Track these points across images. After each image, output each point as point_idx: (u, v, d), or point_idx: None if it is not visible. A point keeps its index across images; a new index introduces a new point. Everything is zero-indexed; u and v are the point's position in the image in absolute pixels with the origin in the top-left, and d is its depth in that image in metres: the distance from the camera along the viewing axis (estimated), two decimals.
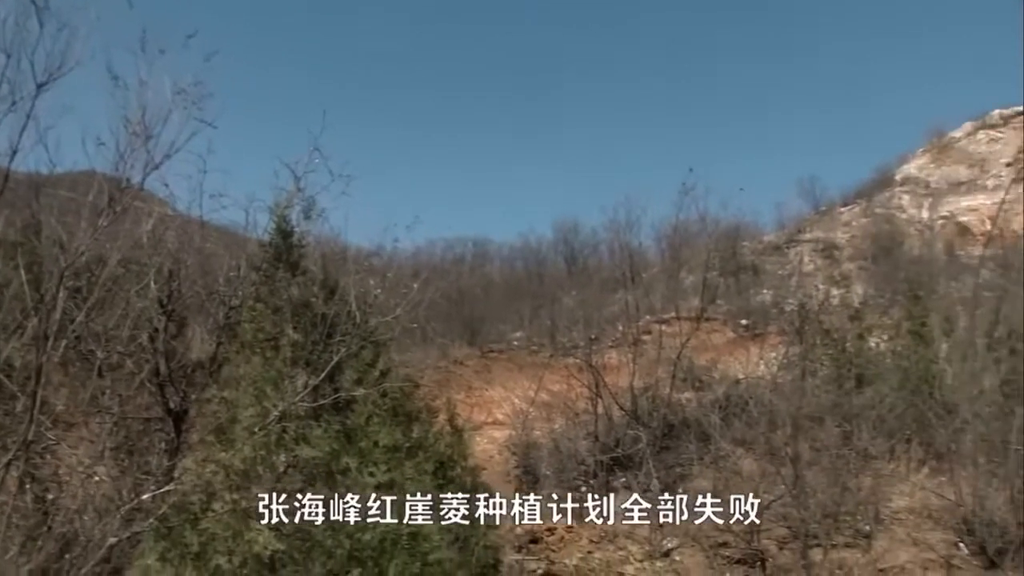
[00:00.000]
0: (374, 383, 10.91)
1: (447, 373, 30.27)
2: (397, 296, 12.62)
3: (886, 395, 20.32)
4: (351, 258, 14.38)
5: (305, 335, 10.50)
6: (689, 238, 34.34)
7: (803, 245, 55.21)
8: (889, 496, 18.28)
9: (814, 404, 19.40)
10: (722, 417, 20.32)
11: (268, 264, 11.27)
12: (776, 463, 17.77)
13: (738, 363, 26.04)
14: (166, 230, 11.89)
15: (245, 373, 10.09)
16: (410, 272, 30.97)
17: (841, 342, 23.57)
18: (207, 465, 9.29)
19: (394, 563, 9.65)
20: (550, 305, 36.03)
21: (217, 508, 9.08)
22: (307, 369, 10.37)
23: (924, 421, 19.71)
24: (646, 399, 22.00)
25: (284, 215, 11.27)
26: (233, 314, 11.89)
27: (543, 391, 23.79)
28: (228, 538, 8.87)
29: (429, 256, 52.58)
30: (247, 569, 8.95)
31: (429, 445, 12.16)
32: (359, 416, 10.58)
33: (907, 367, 22.11)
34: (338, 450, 10.11)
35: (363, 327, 10.90)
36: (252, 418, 9.58)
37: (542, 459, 20.90)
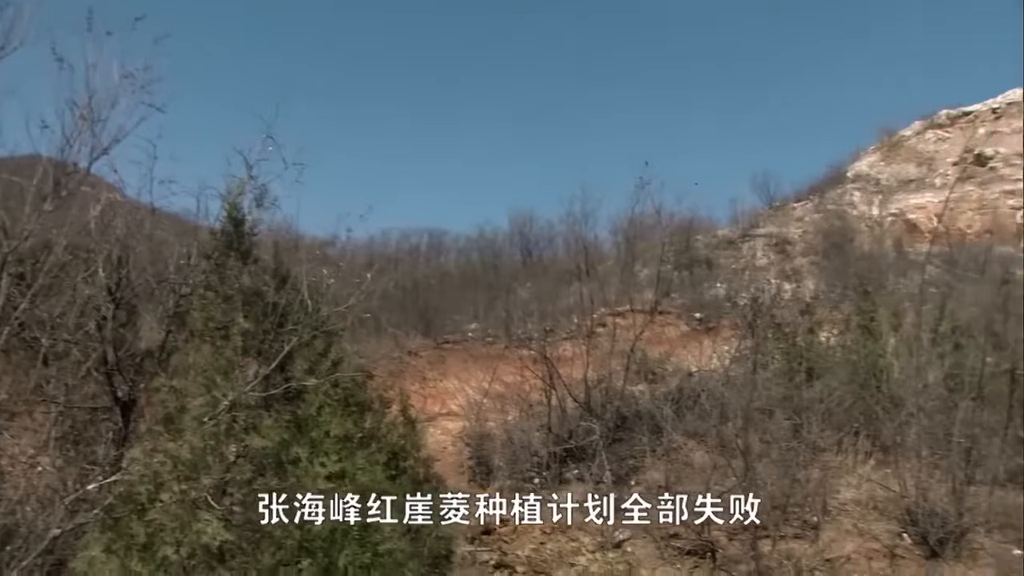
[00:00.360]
0: (326, 373, 10.82)
1: (401, 364, 30.17)
2: (350, 286, 12.53)
3: (835, 389, 20.61)
4: (304, 247, 14.24)
5: (256, 324, 10.36)
6: (644, 231, 34.56)
7: (756, 240, 55.71)
8: (836, 488, 18.56)
9: (765, 397, 19.65)
10: (674, 409, 20.50)
11: (219, 252, 11.08)
12: (727, 455, 17.98)
13: (691, 356, 26.29)
14: (115, 216, 11.64)
15: (195, 362, 9.95)
16: (365, 262, 30.86)
17: (792, 336, 23.87)
18: (155, 455, 9.16)
19: (344, 554, 9.60)
20: (505, 296, 36.05)
21: (165, 498, 8.96)
22: (258, 358, 10.25)
23: (871, 414, 20.05)
24: (599, 391, 22.11)
25: (236, 203, 11.08)
26: (183, 302, 11.68)
27: (497, 382, 23.80)
28: (176, 529, 8.75)
29: (384, 247, 52.41)
30: (195, 560, 8.83)
31: (381, 436, 12.11)
32: (310, 406, 10.48)
33: (856, 361, 22.45)
34: (289, 440, 10.01)
35: (315, 316, 10.78)
36: (202, 407, 9.46)
37: (495, 450, 20.92)
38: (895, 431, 18.78)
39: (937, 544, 16.17)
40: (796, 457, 17.58)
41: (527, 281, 39.79)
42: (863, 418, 20.34)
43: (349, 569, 9.60)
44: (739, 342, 24.90)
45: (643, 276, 35.28)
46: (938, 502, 16.59)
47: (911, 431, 18.09)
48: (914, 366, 19.94)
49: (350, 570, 9.59)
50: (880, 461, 19.64)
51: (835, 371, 22.25)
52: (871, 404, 20.02)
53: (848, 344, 24.08)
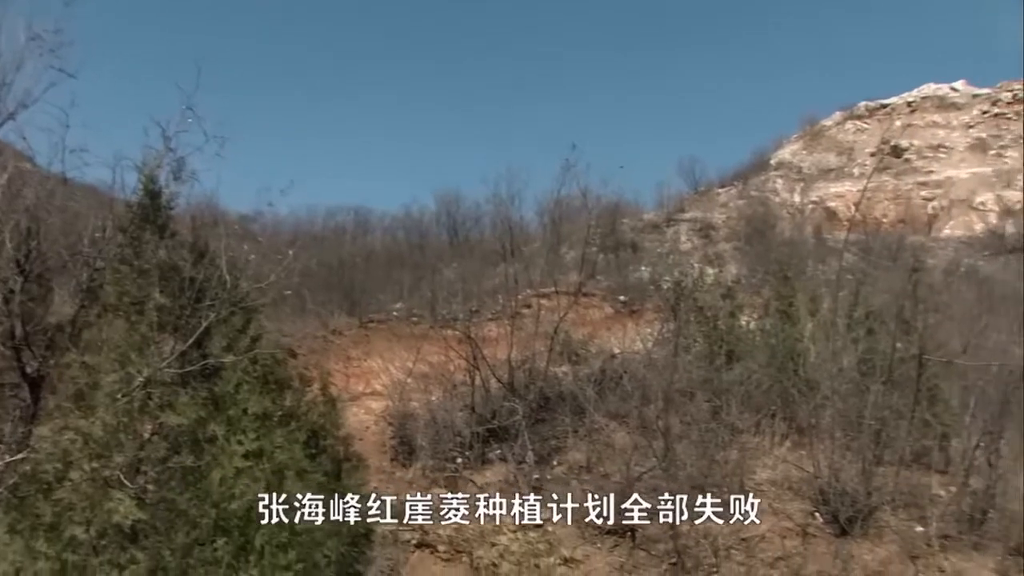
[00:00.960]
0: (244, 350, 10.64)
1: (326, 343, 29.81)
2: (272, 262, 12.32)
3: (754, 372, 21.01)
4: (223, 222, 13.94)
5: (173, 299, 10.13)
6: (570, 214, 34.62)
7: (681, 224, 56.41)
8: (753, 468, 18.95)
9: (686, 379, 19.95)
10: (597, 391, 20.67)
11: (135, 225, 10.79)
12: (648, 436, 18.22)
13: (614, 338, 26.49)
14: (24, 185, 11.24)
15: (108, 337, 9.71)
16: (289, 239, 30.36)
17: (714, 320, 24.25)
18: (65, 433, 8.93)
19: (261, 532, 9.47)
20: (431, 276, 35.77)
21: (75, 477, 8.73)
22: (174, 334, 10.04)
23: (788, 397, 20.47)
24: (523, 372, 22.15)
25: (152, 175, 10.81)
26: (97, 276, 11.35)
27: (421, 362, 23.66)
28: (86, 508, 8.54)
29: (310, 225, 51.53)
30: (106, 540, 8.64)
31: (301, 414, 11.96)
32: (228, 383, 10.30)
33: (774, 345, 22.88)
34: (205, 418, 9.84)
35: (234, 292, 10.59)
36: (115, 384, 9.23)
37: (418, 430, 20.81)
38: (810, 413, 19.23)
39: (847, 522, 16.65)
40: (715, 438, 17.90)
41: (453, 261, 39.60)
42: (780, 400, 20.76)
43: (266, 548, 9.48)
44: (662, 325, 25.21)
45: (569, 258, 35.37)
46: (849, 482, 17.08)
47: (825, 414, 18.55)
48: (830, 350, 20.42)
49: (267, 549, 9.47)
50: (795, 443, 20.11)
51: (754, 354, 22.66)
52: (788, 387, 20.44)
53: (767, 328, 24.53)
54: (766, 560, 16.02)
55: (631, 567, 16.28)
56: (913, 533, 16.87)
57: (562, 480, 19.18)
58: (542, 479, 19.01)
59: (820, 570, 15.92)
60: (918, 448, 19.53)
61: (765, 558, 16.05)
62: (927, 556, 16.14)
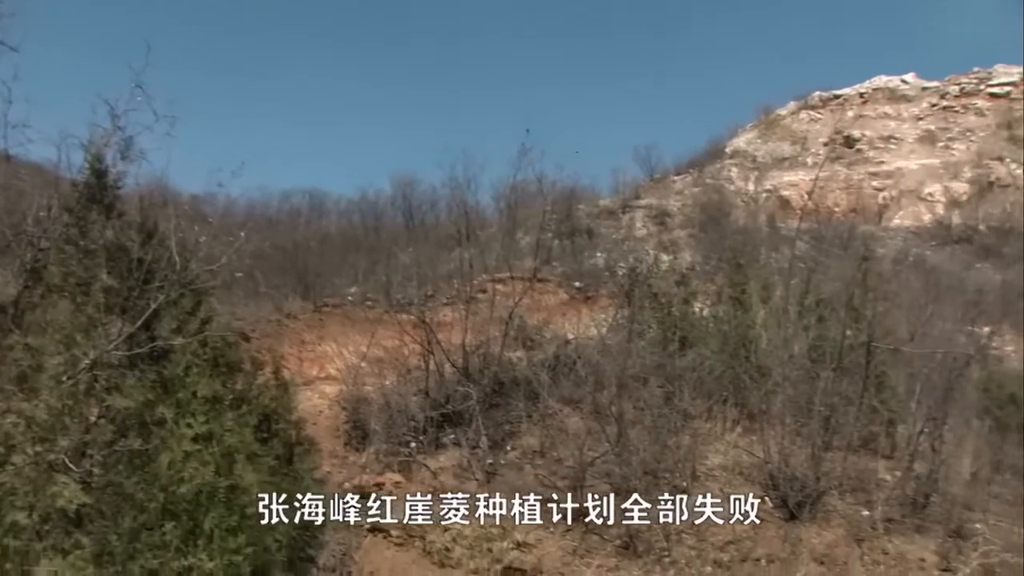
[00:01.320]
0: (194, 332, 10.47)
1: (279, 327, 29.53)
2: (224, 244, 12.14)
3: (707, 358, 21.20)
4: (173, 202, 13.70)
5: (120, 280, 9.94)
6: (526, 199, 34.60)
7: (637, 211, 56.79)
8: (705, 454, 19.13)
9: (639, 365, 20.07)
10: (551, 376, 20.70)
11: (81, 205, 10.56)
12: (601, 421, 18.29)
13: (569, 324, 26.57)
14: None
15: (53, 319, 9.51)
16: (242, 221, 29.98)
17: (668, 306, 24.41)
18: (7, 416, 8.73)
19: (211, 516, 9.35)
20: (386, 260, 35.57)
21: (17, 461, 8.55)
22: (122, 316, 9.86)
23: (740, 383, 20.69)
24: (478, 357, 22.12)
25: (99, 154, 10.57)
26: (42, 256, 11.10)
27: (376, 347, 23.52)
28: (28, 492, 8.36)
29: (264, 207, 51.11)
30: (49, 525, 8.48)
31: (253, 398, 11.83)
32: (177, 366, 10.13)
33: (727, 332, 23.09)
34: (154, 400, 9.68)
35: (184, 274, 10.41)
36: (60, 366, 9.05)
37: (372, 415, 20.69)
38: (761, 399, 19.44)
39: (796, 507, 16.88)
40: (668, 424, 18.02)
41: (408, 245, 39.37)
42: (732, 387, 20.97)
43: (215, 532, 9.37)
44: (616, 311, 25.32)
45: (524, 244, 35.39)
46: (798, 467, 17.31)
47: (776, 400, 18.76)
48: (781, 337, 20.66)
49: (216, 533, 9.36)
50: (747, 428, 20.35)
51: (707, 341, 22.86)
52: (740, 373, 20.65)
53: (720, 315, 24.73)
54: (716, 544, 16.18)
55: (584, 551, 16.36)
56: (859, 517, 17.16)
57: (515, 465, 19.23)
58: (496, 464, 19.03)
59: (769, 553, 16.12)
60: (865, 434, 19.84)
61: (715, 542, 16.20)
62: (872, 539, 16.42)
